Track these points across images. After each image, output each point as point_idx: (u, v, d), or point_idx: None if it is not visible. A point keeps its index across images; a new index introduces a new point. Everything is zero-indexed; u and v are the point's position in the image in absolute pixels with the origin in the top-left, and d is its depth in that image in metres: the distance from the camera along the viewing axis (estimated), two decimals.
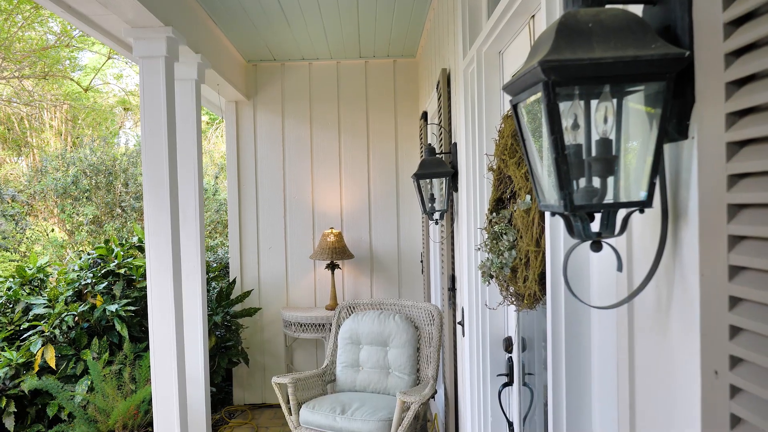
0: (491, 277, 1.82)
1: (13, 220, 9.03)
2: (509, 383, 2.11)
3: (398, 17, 3.71)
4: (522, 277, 1.58)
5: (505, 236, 1.65)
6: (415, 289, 4.65)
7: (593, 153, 0.75)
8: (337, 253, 4.32)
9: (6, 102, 10.02)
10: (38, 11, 8.87)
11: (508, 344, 2.10)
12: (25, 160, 10.78)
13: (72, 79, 10.13)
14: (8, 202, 9.13)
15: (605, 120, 0.75)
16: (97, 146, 8.99)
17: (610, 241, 0.82)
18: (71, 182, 8.50)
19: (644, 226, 0.87)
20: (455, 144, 2.70)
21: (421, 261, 4.51)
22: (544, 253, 1.48)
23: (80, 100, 10.71)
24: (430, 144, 2.73)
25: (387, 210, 4.66)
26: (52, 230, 9.00)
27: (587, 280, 1.28)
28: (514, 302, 1.71)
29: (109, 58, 9.75)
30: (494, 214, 1.83)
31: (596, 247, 0.78)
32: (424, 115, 3.99)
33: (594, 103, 0.75)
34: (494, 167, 1.89)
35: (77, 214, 8.64)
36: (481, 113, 2.21)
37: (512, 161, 1.63)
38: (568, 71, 0.70)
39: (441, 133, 2.94)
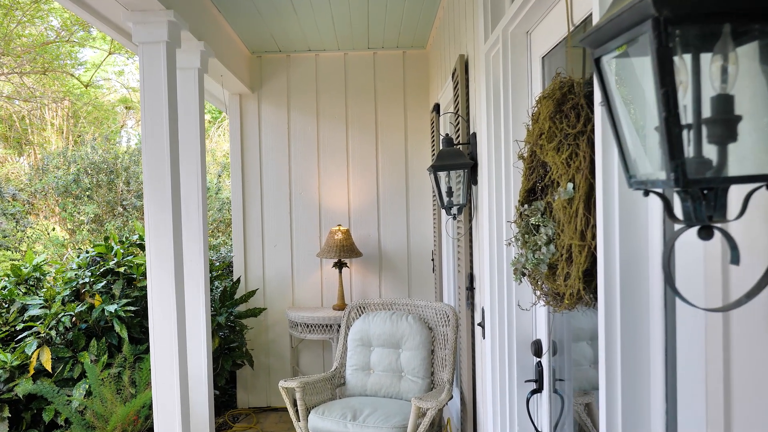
0: (523, 274, 1.66)
1: (14, 218, 8.91)
2: (538, 390, 1.95)
3: (410, 4, 3.55)
4: (562, 274, 1.42)
5: (543, 229, 1.49)
6: (425, 289, 4.49)
7: (706, 114, 0.59)
8: (344, 251, 4.17)
9: (6, 99, 9.89)
10: (38, 6, 8.73)
11: (537, 348, 1.94)
12: (26, 159, 10.65)
13: (72, 75, 9.99)
14: (9, 201, 9.00)
15: (723, 71, 0.59)
16: (98, 143, 8.86)
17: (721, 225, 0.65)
18: (72, 180, 8.38)
19: (751, 207, 0.71)
20: (474, 134, 2.54)
21: (432, 259, 4.35)
22: (589, 247, 1.32)
23: (82, 97, 10.57)
24: (447, 134, 2.57)
25: (396, 206, 4.50)
26: (53, 229, 8.87)
27: (648, 273, 1.12)
28: (551, 302, 1.54)
29: (110, 53, 9.61)
30: (525, 205, 1.67)
31: (706, 233, 0.62)
32: (436, 108, 3.83)
33: (705, 53, 0.59)
34: (525, 155, 1.72)
35: (78, 213, 8.52)
36: (507, 99, 2.05)
37: (550, 146, 1.47)
38: (685, 4, 0.54)
39: (458, 123, 2.78)
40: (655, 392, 1.11)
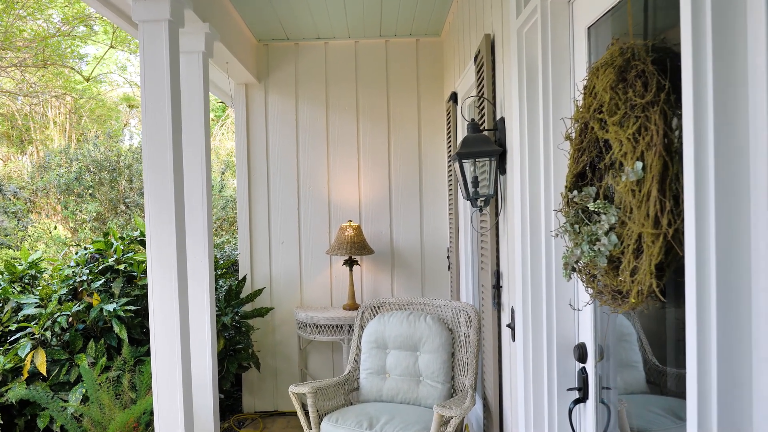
0: (573, 270, 1.46)
1: (15, 217, 8.76)
2: (582, 399, 1.75)
3: None
4: (628, 268, 1.22)
5: (604, 216, 1.29)
6: (440, 288, 4.29)
7: None
8: (355, 248, 3.97)
9: (6, 95, 9.73)
10: (39, 0, 8.57)
11: (581, 353, 1.74)
12: (29, 157, 10.50)
13: (72, 68, 9.82)
14: (10, 199, 8.86)
15: None
16: (101, 141, 8.71)
17: None
18: (74, 178, 8.22)
19: None
20: (502, 119, 2.34)
21: (448, 256, 4.15)
22: (665, 236, 1.12)
23: (84, 92, 10.40)
24: (473, 119, 2.37)
25: (409, 201, 4.30)
26: (55, 228, 8.72)
27: (749, 266, 0.92)
28: (608, 301, 1.34)
29: (111, 46, 9.44)
30: (574, 192, 1.47)
31: None
32: (453, 97, 3.63)
33: None
34: (572, 135, 1.53)
35: (80, 211, 8.37)
36: (547, 76, 1.85)
37: (612, 120, 1.27)
38: None
39: (482, 109, 2.58)
40: (761, 412, 0.91)
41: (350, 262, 4.05)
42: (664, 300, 1.16)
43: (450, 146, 3.78)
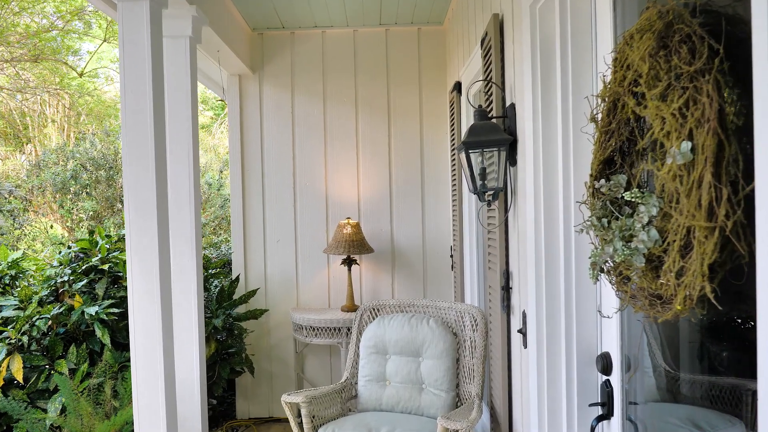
0: (602, 271, 1.26)
1: (11, 216, 8.58)
2: (606, 416, 1.56)
3: None
4: (673, 268, 1.02)
5: (643, 208, 1.09)
6: (443, 288, 4.09)
7: None
8: (354, 247, 3.77)
9: (4, 91, 9.54)
10: None
11: (605, 363, 1.54)
12: (27, 156, 10.31)
13: (66, 63, 9.63)
14: (6, 197, 8.68)
15: None
16: (99, 137, 8.54)
17: None
18: (70, 177, 8.05)
19: None
20: (512, 105, 2.14)
21: (451, 255, 3.96)
22: (722, 230, 0.93)
23: (79, 88, 10.21)
24: (480, 105, 2.18)
25: (410, 197, 4.10)
26: (51, 227, 8.54)
27: None
28: (646, 307, 1.15)
29: (105, 40, 9.25)
30: (602, 181, 1.28)
31: None
32: (457, 86, 3.44)
33: None
34: (598, 117, 1.33)
35: (77, 210, 8.19)
36: (566, 53, 1.65)
37: (653, 93, 1.07)
38: None
39: (489, 95, 2.38)
40: None
41: (349, 262, 3.86)
42: (720, 308, 0.96)
43: (453, 138, 3.58)
